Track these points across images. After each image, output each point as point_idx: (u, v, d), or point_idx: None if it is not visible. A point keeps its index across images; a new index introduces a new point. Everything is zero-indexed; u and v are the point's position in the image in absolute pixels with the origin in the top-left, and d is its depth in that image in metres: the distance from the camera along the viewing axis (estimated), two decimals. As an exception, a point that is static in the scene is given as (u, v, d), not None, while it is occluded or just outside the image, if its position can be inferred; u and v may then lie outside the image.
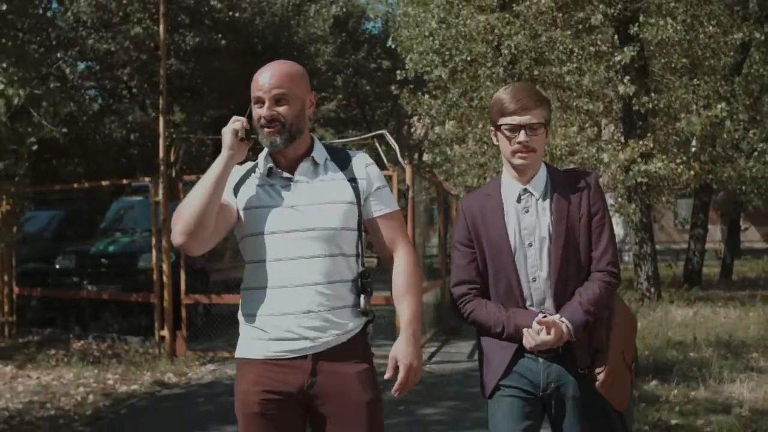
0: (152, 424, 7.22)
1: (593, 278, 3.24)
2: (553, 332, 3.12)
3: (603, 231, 3.26)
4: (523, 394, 3.26)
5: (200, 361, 10.38)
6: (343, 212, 3.07)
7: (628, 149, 14.87)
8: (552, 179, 3.30)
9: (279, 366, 3.00)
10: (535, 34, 16.09)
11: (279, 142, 3.04)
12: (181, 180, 10.96)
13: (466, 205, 3.40)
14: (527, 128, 3.20)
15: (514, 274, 3.25)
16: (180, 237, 2.99)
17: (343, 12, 33.75)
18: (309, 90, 3.13)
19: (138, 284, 11.98)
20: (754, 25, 17.46)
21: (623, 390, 3.23)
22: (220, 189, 3.01)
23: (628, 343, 3.30)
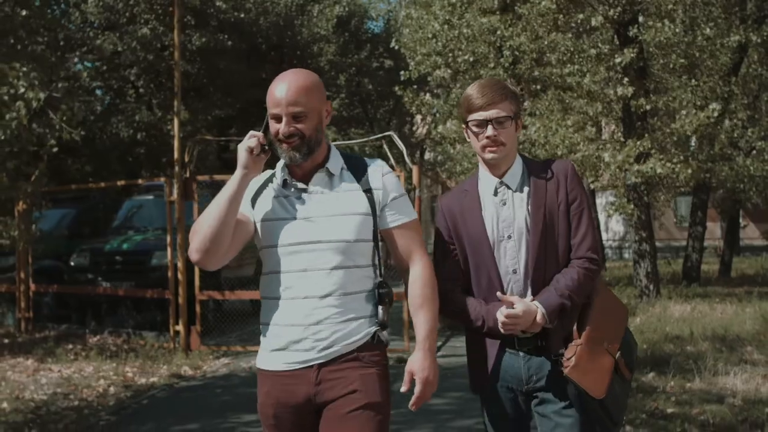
0: (174, 414, 7.57)
1: (572, 264, 3.22)
2: (519, 307, 3.11)
3: (582, 218, 3.23)
4: (509, 392, 3.28)
5: (214, 355, 10.75)
6: (358, 224, 3.06)
7: (627, 149, 15.22)
8: (528, 170, 3.30)
9: (288, 377, 3.03)
10: (536, 36, 16.43)
11: (299, 157, 3.04)
12: (194, 180, 11.31)
13: (445, 203, 3.40)
14: (494, 122, 3.20)
15: (494, 267, 3.25)
16: (196, 254, 3.05)
17: (345, 12, 34.05)
18: (324, 100, 3.12)
19: (151, 281, 12.36)
20: (752, 27, 17.82)
21: (600, 377, 3.15)
22: (235, 206, 3.04)
23: (612, 332, 3.25)
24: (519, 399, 3.29)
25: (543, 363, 3.22)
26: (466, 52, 18.57)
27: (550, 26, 16.34)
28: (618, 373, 3.22)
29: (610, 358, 3.19)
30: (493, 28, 17.15)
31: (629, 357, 3.31)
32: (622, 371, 3.24)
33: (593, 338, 3.16)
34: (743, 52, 18.87)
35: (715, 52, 16.76)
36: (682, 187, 21.01)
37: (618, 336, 3.26)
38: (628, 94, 15.14)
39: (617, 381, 3.21)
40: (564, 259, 3.23)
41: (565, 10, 16.07)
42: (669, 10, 15.31)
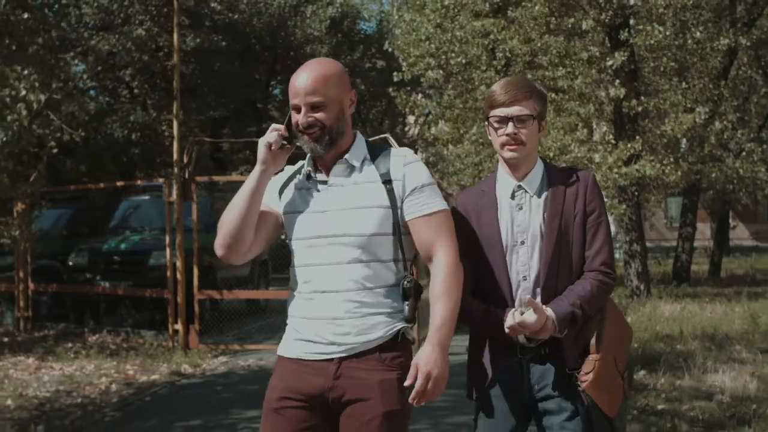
0: (176, 411, 7.73)
1: (586, 276, 3.13)
2: (537, 315, 3.02)
3: (598, 230, 3.15)
4: (507, 400, 3.19)
5: (212, 354, 10.92)
6: (377, 217, 2.99)
7: (618, 150, 15.44)
8: (548, 176, 3.21)
9: (305, 366, 3.00)
10: (528, 39, 16.64)
11: (320, 149, 3.01)
12: (193, 181, 11.47)
13: (460, 202, 3.33)
14: (515, 120, 3.12)
15: (504, 272, 3.17)
16: (220, 249, 3.07)
17: (338, 13, 34.21)
18: (348, 89, 3.06)
19: (149, 281, 12.52)
20: (741, 30, 18.07)
21: (614, 395, 3.09)
22: (256, 203, 3.04)
23: (621, 350, 3.18)
24: (517, 408, 3.18)
25: (546, 372, 3.13)
26: (459, 54, 18.76)
27: (542, 29, 16.54)
28: (624, 392, 3.16)
29: (620, 378, 3.12)
30: (486, 31, 17.35)
31: (630, 375, 3.26)
32: (625, 390, 3.18)
33: (608, 355, 3.08)
34: (733, 55, 19.13)
35: (705, 55, 17.01)
36: (672, 188, 21.25)
37: (626, 355, 3.20)
38: (620, 96, 15.35)
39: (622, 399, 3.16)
40: (577, 271, 3.14)
41: (557, 13, 16.29)
42: (660, 13, 15.54)
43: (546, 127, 3.27)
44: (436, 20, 19.00)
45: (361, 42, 35.69)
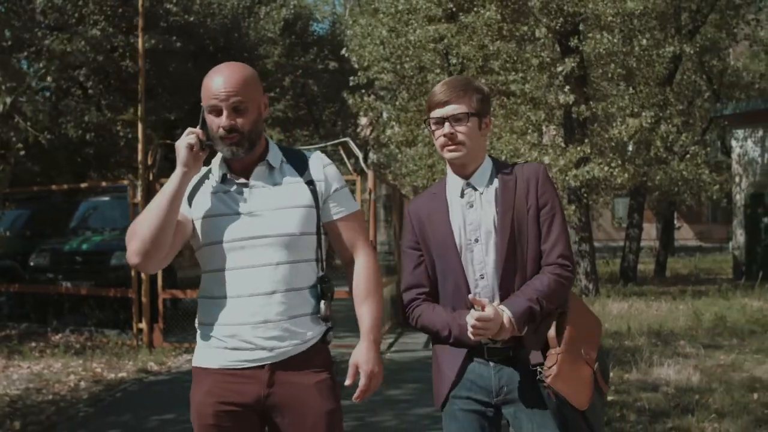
0: (148, 405, 7.98)
1: (543, 271, 3.07)
2: (488, 310, 2.94)
3: (553, 223, 3.09)
4: (475, 405, 3.12)
5: (176, 352, 11.15)
6: (302, 216, 2.98)
7: (568, 154, 15.96)
8: (497, 172, 3.16)
9: (235, 376, 2.92)
10: (482, 45, 17.09)
11: (240, 152, 2.94)
12: (158, 182, 11.71)
13: (413, 208, 3.30)
14: (451, 119, 3.08)
15: (461, 273, 3.11)
16: (135, 257, 2.89)
17: (291, 14, 34.40)
18: (262, 92, 3.02)
19: (111, 281, 12.75)
20: (686, 38, 18.72)
21: (583, 387, 3.01)
22: (176, 206, 2.91)
23: (589, 341, 3.11)
24: (487, 412, 3.12)
25: (514, 374, 3.08)
26: (413, 58, 19.17)
27: (495, 35, 17.02)
28: (597, 386, 3.08)
29: (588, 368, 3.04)
30: (440, 36, 17.77)
31: (605, 369, 3.16)
32: (600, 384, 3.10)
33: (572, 346, 3.01)
34: (678, 61, 19.78)
35: (652, 61, 17.59)
36: (620, 190, 21.86)
37: (594, 346, 3.12)
38: (569, 102, 15.87)
39: (596, 394, 3.07)
40: (534, 266, 3.08)
41: (509, 19, 16.77)
42: (608, 21, 16.07)
43: (490, 124, 3.20)
44: (390, 24, 19.38)
45: (314, 43, 35.90)
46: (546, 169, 3.16)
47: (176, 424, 7.12)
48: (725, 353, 9.90)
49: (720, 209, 38.49)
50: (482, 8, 16.56)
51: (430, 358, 3.29)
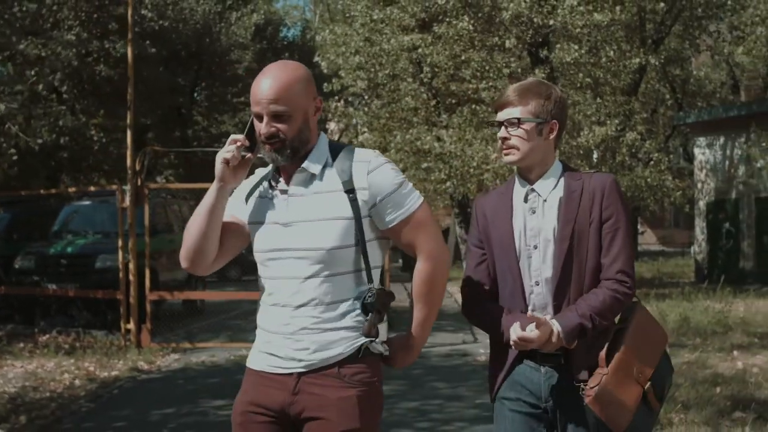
0: (147, 401, 8.37)
1: (600, 285, 3.02)
2: (541, 331, 2.94)
3: (615, 237, 3.02)
4: (524, 407, 3.12)
5: (164, 351, 11.52)
6: (338, 229, 2.84)
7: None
8: (565, 180, 3.10)
9: (268, 379, 2.92)
10: (454, 54, 17.62)
11: (281, 159, 2.84)
12: (146, 187, 12.10)
13: (479, 204, 3.27)
14: (506, 123, 3.09)
15: (518, 277, 3.10)
16: (184, 262, 3.01)
17: (262, 20, 34.73)
18: (313, 95, 2.89)
19: (95, 283, 13.12)
20: (650, 48, 19.39)
21: (623, 410, 2.95)
22: (215, 219, 2.92)
23: (645, 360, 3.04)
24: (534, 414, 3.12)
25: (562, 383, 3.05)
26: (387, 66, 19.65)
27: (466, 45, 17.55)
28: (645, 404, 3.02)
29: (638, 388, 2.98)
30: (413, 45, 18.28)
31: (660, 386, 3.09)
32: (650, 402, 3.03)
33: (622, 367, 2.97)
34: (642, 72, 20.45)
35: (618, 72, 18.20)
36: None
37: (651, 364, 3.05)
38: (539, 110, 16.42)
39: (642, 412, 3.02)
40: (592, 277, 3.04)
41: (480, 30, 17.31)
42: (577, 33, 16.65)
43: (556, 129, 3.12)
44: (365, 34, 19.85)
45: (285, 49, 36.27)
46: (615, 180, 3.10)
47: (178, 418, 7.53)
48: (689, 351, 10.44)
49: (682, 214, 39.30)
50: (455, 19, 17.06)
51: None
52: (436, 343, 12.13)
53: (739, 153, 22.81)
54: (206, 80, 32.01)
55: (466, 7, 16.71)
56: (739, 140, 22.77)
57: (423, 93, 20.27)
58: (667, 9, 21.09)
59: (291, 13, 45.80)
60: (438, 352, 11.26)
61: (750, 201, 22.34)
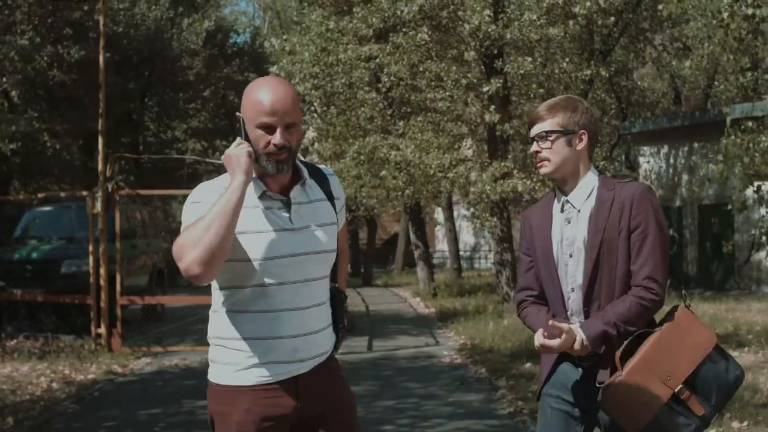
0: (131, 402, 8.61)
1: (630, 293, 3.19)
2: (563, 338, 3.12)
3: (644, 245, 3.17)
4: (563, 404, 3.33)
5: (135, 355, 11.71)
6: (333, 233, 3.08)
7: (492, 169, 17.00)
8: (598, 189, 3.26)
9: (272, 390, 2.95)
10: (412, 64, 18.04)
11: (285, 169, 2.93)
12: (117, 194, 12.29)
13: (525, 216, 3.50)
14: (539, 139, 3.27)
15: (557, 284, 3.30)
16: (198, 267, 2.77)
17: (213, 26, 34.77)
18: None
19: (61, 288, 13.27)
20: (598, 60, 20.04)
21: (641, 410, 3.07)
22: (238, 216, 2.85)
23: (680, 364, 3.12)
24: (573, 412, 3.33)
25: (593, 382, 3.23)
26: (343, 76, 20.02)
27: (424, 55, 18.00)
28: (679, 405, 3.10)
29: (665, 391, 3.08)
30: (371, 55, 18.67)
31: (706, 391, 3.13)
32: (688, 404, 3.10)
33: (642, 369, 3.09)
34: (591, 83, 21.11)
35: (570, 83, 18.78)
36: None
37: (686, 366, 3.12)
38: (495, 120, 16.92)
39: (673, 414, 3.10)
40: (623, 283, 3.21)
41: (438, 41, 17.77)
42: (531, 46, 17.18)
43: (585, 139, 3.29)
44: (321, 44, 20.20)
45: (235, 55, 36.33)
46: (646, 190, 3.24)
47: (166, 417, 7.80)
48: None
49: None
50: (413, 30, 17.47)
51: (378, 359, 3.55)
52: (401, 345, 12.52)
53: (683, 162, 23.64)
54: (157, 86, 31.98)
55: (425, 18, 17.13)
56: (682, 149, 23.58)
57: (380, 102, 20.68)
58: (615, 22, 21.82)
59: (240, 19, 45.88)
60: (404, 354, 11.63)
61: (693, 209, 23.14)
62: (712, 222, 22.37)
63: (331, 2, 21.06)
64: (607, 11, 19.12)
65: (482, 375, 9.97)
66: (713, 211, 22.26)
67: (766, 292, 20.58)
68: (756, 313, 14.81)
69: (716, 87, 26.97)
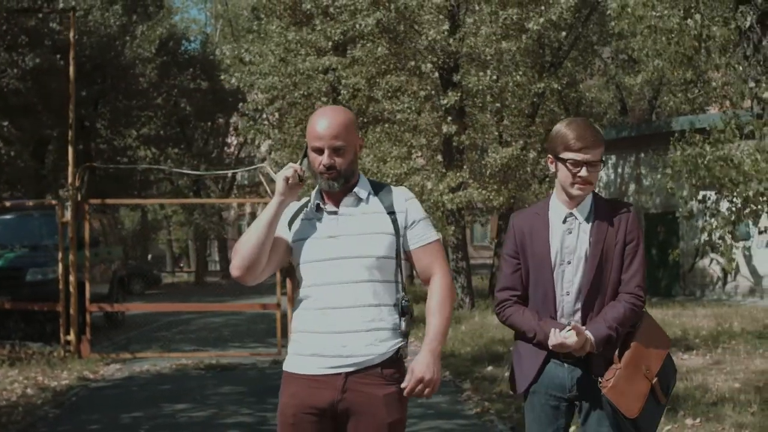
0: (110, 406, 8.82)
1: (620, 298, 3.58)
2: (578, 338, 3.48)
3: (635, 257, 3.60)
4: (552, 400, 3.65)
5: (104, 361, 11.90)
6: (383, 242, 3.36)
7: (447, 179, 17.48)
8: (596, 206, 3.66)
9: (315, 381, 3.30)
10: (370, 77, 18.46)
11: (336, 186, 3.35)
12: (87, 203, 12.49)
13: (516, 222, 3.77)
14: (589, 165, 3.56)
15: (551, 286, 3.63)
16: (237, 271, 3.37)
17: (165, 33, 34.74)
18: (358, 135, 3.46)
19: (26, 296, 13.41)
20: (549, 72, 20.64)
21: (635, 399, 3.50)
22: (273, 230, 3.37)
23: (652, 359, 3.59)
24: (561, 406, 3.66)
25: (583, 377, 3.60)
26: (301, 86, 20.36)
27: (382, 68, 18.42)
28: (653, 397, 3.57)
29: (646, 383, 3.54)
30: (331, 67, 19.06)
31: (666, 382, 3.64)
32: (657, 395, 3.58)
33: (632, 364, 3.53)
34: (542, 95, 21.71)
35: (522, 96, 19.35)
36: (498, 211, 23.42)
37: (657, 362, 3.61)
38: (452, 132, 17.40)
39: (651, 403, 3.57)
40: (612, 290, 3.61)
41: (395, 53, 18.20)
42: (486, 60, 17.71)
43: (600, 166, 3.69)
44: (280, 54, 20.51)
45: (188, 63, 36.28)
46: (636, 211, 3.77)
47: (149, 420, 8.06)
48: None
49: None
50: (371, 43, 17.88)
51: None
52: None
53: (630, 171, 24.36)
54: (110, 93, 31.89)
55: (383, 32, 17.55)
56: (629, 159, 24.29)
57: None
58: (566, 36, 22.47)
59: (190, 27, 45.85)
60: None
61: (640, 217, 23.85)
62: (659, 230, 23.11)
63: (289, 13, 21.39)
64: (559, 26, 19.73)
65: (446, 378, 10.34)
66: (659, 220, 23.01)
67: (709, 297, 21.36)
68: (701, 318, 15.42)
69: (661, 99, 27.83)
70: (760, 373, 9.58)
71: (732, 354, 11.07)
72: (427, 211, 16.46)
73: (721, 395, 8.28)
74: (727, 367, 10.14)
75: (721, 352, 11.24)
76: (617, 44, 26.79)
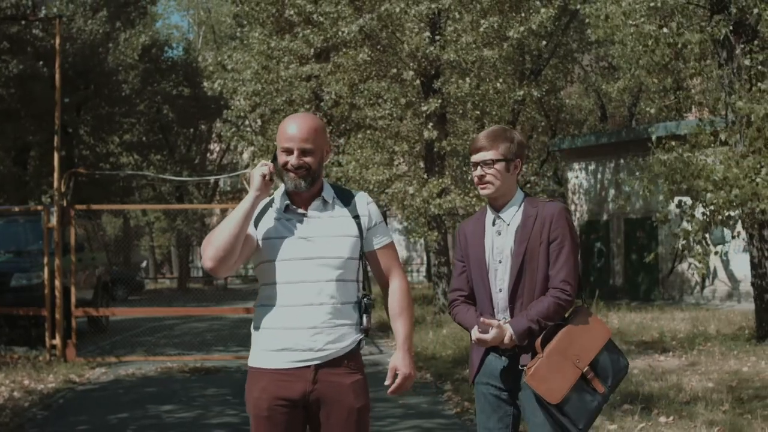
0: (97, 408, 8.94)
1: (547, 294, 3.79)
2: (492, 332, 3.73)
3: (560, 253, 3.78)
4: (493, 389, 3.89)
5: (90, 365, 12.02)
6: (349, 244, 3.59)
7: (430, 185, 17.67)
8: (524, 208, 3.87)
9: (286, 374, 3.52)
10: (353, 83, 18.64)
11: (303, 186, 3.55)
12: (72, 208, 12.62)
13: (461, 228, 4.06)
14: (482, 164, 3.84)
15: (487, 285, 3.90)
16: (210, 262, 3.51)
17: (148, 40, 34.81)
18: (327, 142, 3.65)
19: (11, 301, 13.50)
20: (529, 79, 20.90)
21: (557, 386, 3.67)
22: (247, 224, 3.52)
23: (584, 350, 3.76)
24: (502, 395, 3.90)
25: (515, 368, 3.84)
26: (284, 94, 20.51)
27: (364, 75, 18.61)
28: (588, 385, 3.75)
29: (576, 371, 3.72)
30: (313, 74, 19.23)
31: (604, 373, 3.79)
32: (593, 384, 3.76)
33: (557, 353, 3.71)
34: (523, 102, 21.98)
35: (503, 103, 19.58)
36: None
37: (590, 352, 3.78)
38: (433, 138, 17.60)
39: (582, 391, 3.74)
40: (543, 285, 3.82)
41: (377, 61, 18.40)
42: (467, 67, 17.92)
43: (519, 167, 3.94)
44: (263, 62, 20.66)
45: (170, 69, 36.36)
46: (563, 209, 3.90)
47: (136, 421, 8.22)
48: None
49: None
50: (353, 50, 18.07)
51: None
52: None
53: (610, 177, 24.65)
54: (93, 99, 31.93)
55: (365, 39, 17.74)
56: (609, 165, 24.59)
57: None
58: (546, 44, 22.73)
59: (172, 33, 45.94)
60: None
61: (620, 222, 24.15)
62: (638, 235, 23.39)
63: (272, 21, 21.54)
64: (539, 34, 19.97)
65: (427, 380, 10.55)
66: (639, 225, 23.29)
67: (688, 301, 21.65)
68: (679, 321, 15.67)
69: (640, 106, 28.17)
70: (734, 373, 9.83)
71: (707, 355, 11.31)
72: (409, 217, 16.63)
73: (695, 394, 8.52)
74: (702, 368, 10.39)
75: (697, 354, 11.48)
76: (597, 51, 27.19)
